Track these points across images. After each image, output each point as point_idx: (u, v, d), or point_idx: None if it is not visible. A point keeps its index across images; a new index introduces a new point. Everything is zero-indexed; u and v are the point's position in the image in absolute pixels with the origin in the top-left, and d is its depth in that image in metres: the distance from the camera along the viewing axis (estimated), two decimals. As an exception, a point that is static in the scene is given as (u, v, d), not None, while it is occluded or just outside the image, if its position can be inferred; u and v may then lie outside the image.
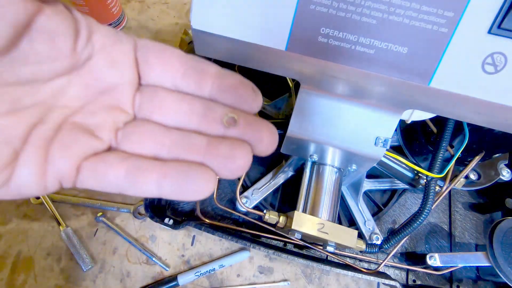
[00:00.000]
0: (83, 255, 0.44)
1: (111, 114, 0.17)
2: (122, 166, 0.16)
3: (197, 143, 0.17)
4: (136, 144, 0.17)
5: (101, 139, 0.17)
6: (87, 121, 0.17)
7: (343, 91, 0.29)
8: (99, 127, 0.17)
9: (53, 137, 0.16)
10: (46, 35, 0.15)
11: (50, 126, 0.16)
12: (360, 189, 0.44)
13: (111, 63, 0.18)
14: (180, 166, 0.16)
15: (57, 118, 0.16)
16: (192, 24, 0.25)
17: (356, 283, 0.46)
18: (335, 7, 0.23)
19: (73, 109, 0.17)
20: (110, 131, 0.17)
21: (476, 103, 0.25)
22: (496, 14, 0.22)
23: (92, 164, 0.16)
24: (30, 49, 0.15)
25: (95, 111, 0.17)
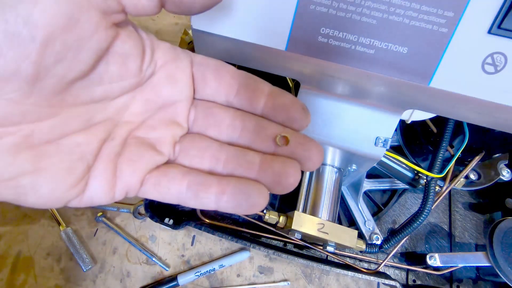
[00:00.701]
0: (83, 255, 0.44)
1: (169, 129, 0.18)
2: (184, 181, 0.17)
3: (251, 160, 0.18)
4: (194, 158, 0.18)
5: (162, 153, 0.18)
6: (149, 135, 0.18)
7: (343, 91, 0.29)
8: (160, 141, 0.18)
9: (120, 152, 0.17)
10: (120, 58, 0.16)
11: (118, 142, 0.17)
12: (360, 189, 0.44)
13: (171, 80, 0.18)
14: (237, 183, 0.17)
15: (123, 133, 0.17)
16: (192, 24, 0.25)
17: (356, 283, 0.46)
18: (335, 7, 0.23)
19: (136, 124, 0.18)
20: (170, 145, 0.18)
21: (476, 103, 0.25)
22: (496, 14, 0.22)
23: (156, 178, 0.17)
24: (106, 71, 0.16)
25: (155, 125, 0.18)
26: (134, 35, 0.16)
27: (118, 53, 0.16)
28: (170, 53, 0.18)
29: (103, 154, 0.16)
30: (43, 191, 0.15)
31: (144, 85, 0.18)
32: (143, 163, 0.17)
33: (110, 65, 0.16)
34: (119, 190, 0.17)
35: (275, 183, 0.17)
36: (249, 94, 0.19)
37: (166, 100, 0.19)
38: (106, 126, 0.17)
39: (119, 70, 0.16)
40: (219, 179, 0.17)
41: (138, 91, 0.18)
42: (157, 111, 0.19)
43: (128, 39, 0.16)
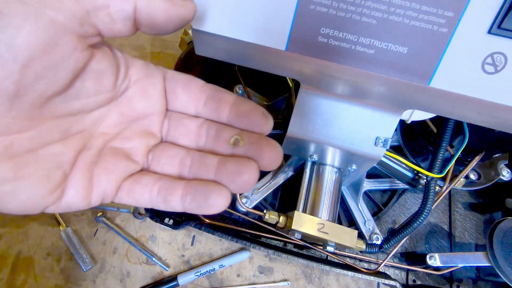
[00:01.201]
0: (83, 255, 0.44)
1: (143, 139, 0.20)
2: (155, 187, 0.19)
3: (210, 162, 0.19)
4: (164, 166, 0.20)
5: (136, 162, 0.20)
6: (124, 145, 0.20)
7: (343, 91, 0.29)
8: (134, 151, 0.20)
9: (96, 161, 0.18)
10: (95, 75, 0.17)
11: (94, 151, 0.19)
12: (360, 189, 0.44)
13: (144, 94, 0.20)
14: (197, 185, 0.18)
15: (99, 144, 0.19)
16: (192, 24, 0.25)
17: (356, 283, 0.46)
18: (335, 7, 0.23)
19: (111, 135, 0.20)
20: (143, 154, 0.20)
21: (476, 103, 0.25)
22: (496, 14, 0.21)
23: (130, 186, 0.19)
24: (82, 87, 0.17)
25: (130, 136, 0.20)
26: (109, 54, 0.18)
27: (94, 71, 0.17)
28: (143, 70, 0.20)
29: (80, 163, 0.18)
30: (23, 197, 0.16)
31: (119, 99, 0.20)
32: (118, 172, 0.19)
33: (86, 82, 0.17)
34: (95, 196, 0.18)
35: (231, 182, 0.18)
36: (215, 105, 0.21)
37: (140, 113, 0.20)
38: (83, 137, 0.18)
39: (95, 86, 0.18)
40: (185, 183, 0.19)
41: (113, 105, 0.19)
42: (132, 123, 0.20)
43: (103, 58, 0.17)
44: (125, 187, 0.19)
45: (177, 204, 0.18)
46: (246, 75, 0.49)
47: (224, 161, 0.19)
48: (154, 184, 0.19)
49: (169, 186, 0.19)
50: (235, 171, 0.18)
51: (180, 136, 0.21)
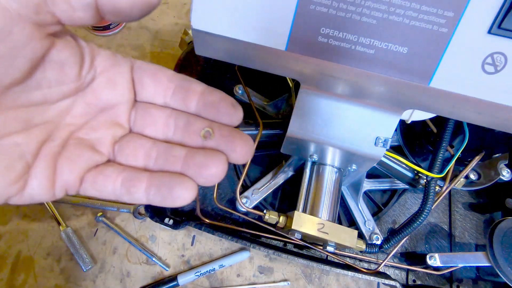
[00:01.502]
0: (83, 255, 0.44)
1: (110, 130, 0.20)
2: (118, 178, 0.18)
3: (177, 154, 0.19)
4: (129, 157, 0.19)
5: (101, 152, 0.19)
6: (89, 136, 0.19)
7: (343, 91, 0.29)
8: (99, 142, 0.19)
9: (60, 152, 0.18)
10: (56, 65, 0.17)
11: (58, 142, 0.18)
12: (360, 189, 0.44)
13: (111, 84, 0.20)
14: (163, 177, 0.18)
15: (63, 135, 0.19)
16: (192, 24, 0.25)
17: (356, 283, 0.46)
18: (335, 7, 0.23)
19: (77, 126, 0.19)
20: (109, 145, 0.19)
21: (476, 103, 0.25)
22: (496, 14, 0.22)
23: (94, 176, 0.18)
24: (43, 77, 0.17)
25: (96, 127, 0.20)
26: (71, 44, 0.18)
27: (55, 60, 0.17)
28: (110, 60, 0.20)
29: (43, 154, 0.17)
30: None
31: (85, 90, 0.19)
32: (81, 162, 0.18)
33: (47, 71, 0.17)
34: (58, 188, 0.18)
35: (198, 175, 0.18)
36: (183, 95, 0.20)
37: (106, 103, 0.20)
38: (46, 128, 0.18)
39: (57, 76, 0.17)
40: (149, 174, 0.18)
41: (79, 95, 0.19)
42: (98, 114, 0.20)
43: (65, 48, 0.17)
44: (89, 178, 0.18)
45: (141, 196, 0.18)
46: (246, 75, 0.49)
47: (192, 154, 0.19)
48: (118, 175, 0.18)
49: (133, 177, 0.18)
50: (202, 164, 0.18)
51: (147, 126, 0.20)
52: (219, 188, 0.48)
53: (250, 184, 0.47)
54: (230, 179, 0.49)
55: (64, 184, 0.18)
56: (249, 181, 0.48)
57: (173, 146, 0.20)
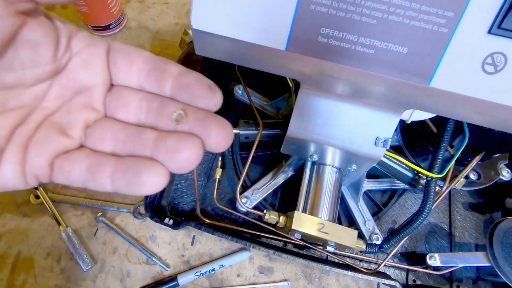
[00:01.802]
0: (83, 255, 0.44)
1: (83, 113, 0.19)
2: (84, 163, 0.17)
3: (147, 137, 0.17)
4: (97, 141, 0.18)
5: (71, 137, 0.18)
6: (61, 120, 0.18)
7: (343, 91, 0.29)
8: (71, 125, 0.18)
9: (31, 136, 0.17)
10: (29, 45, 0.16)
11: (31, 126, 0.17)
12: (360, 189, 0.44)
13: (86, 65, 0.19)
14: (130, 161, 0.17)
15: (38, 118, 0.18)
16: (192, 24, 0.25)
17: (356, 283, 0.46)
18: (335, 7, 0.23)
19: (52, 110, 0.18)
20: (80, 129, 0.18)
21: (476, 103, 0.25)
22: (496, 14, 0.22)
23: (61, 162, 0.17)
24: (15, 58, 0.16)
25: (70, 110, 0.19)
26: (46, 24, 0.17)
27: (28, 40, 0.16)
28: (86, 41, 0.19)
29: (15, 138, 0.17)
30: None
31: (61, 72, 0.19)
32: (50, 147, 0.17)
33: (19, 51, 0.16)
34: (29, 174, 0.17)
35: (169, 159, 0.17)
36: (158, 76, 0.19)
37: (81, 85, 0.19)
38: (21, 112, 0.17)
39: (31, 57, 0.17)
40: (116, 159, 0.17)
41: (55, 78, 0.18)
42: (74, 97, 0.19)
43: (38, 27, 0.16)
44: (57, 164, 0.17)
45: (106, 182, 0.17)
46: (246, 75, 0.49)
47: (162, 136, 0.17)
48: (84, 160, 0.17)
49: (99, 162, 0.17)
50: (174, 147, 0.16)
51: (119, 109, 0.19)
52: (219, 188, 0.48)
53: (250, 184, 0.47)
54: (230, 179, 0.49)
55: (33, 169, 0.17)
56: (249, 181, 0.48)
57: (144, 129, 0.18)
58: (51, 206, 0.47)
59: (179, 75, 0.19)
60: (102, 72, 0.19)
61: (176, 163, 0.16)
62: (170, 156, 0.16)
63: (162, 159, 0.17)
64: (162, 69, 0.19)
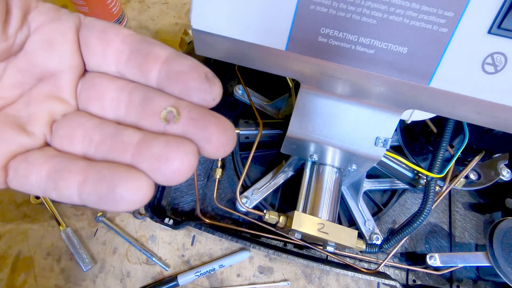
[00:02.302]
0: (83, 255, 0.44)
1: (46, 105, 0.15)
2: (45, 167, 0.14)
3: (127, 139, 0.14)
4: (64, 140, 0.15)
5: (32, 133, 0.15)
6: (19, 113, 0.15)
7: (343, 91, 0.29)
8: (31, 119, 0.15)
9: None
10: None
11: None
12: (360, 189, 0.44)
13: (48, 44, 0.15)
14: (104, 168, 0.13)
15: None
16: (192, 24, 0.25)
17: (356, 283, 0.46)
18: (335, 7, 0.23)
19: (8, 100, 0.15)
20: (44, 125, 0.15)
21: (476, 103, 0.25)
22: (496, 14, 0.21)
23: (16, 164, 0.14)
24: None
25: (31, 101, 0.15)
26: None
27: None
28: (49, 14, 0.16)
29: None
30: None
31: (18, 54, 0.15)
32: (4, 145, 0.14)
33: None
34: None
35: (155, 170, 0.13)
36: (141, 61, 0.15)
37: (44, 70, 0.16)
38: None
39: None
40: (86, 164, 0.14)
41: (10, 60, 0.15)
42: (36, 84, 0.16)
43: None
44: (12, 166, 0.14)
45: (72, 193, 0.13)
46: (246, 75, 0.49)
47: (148, 140, 0.14)
48: (45, 163, 0.14)
49: (63, 167, 0.14)
50: (162, 155, 0.13)
51: (92, 102, 0.16)
52: (219, 188, 0.48)
53: (250, 184, 0.47)
54: (230, 179, 0.49)
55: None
56: (249, 181, 0.48)
57: (124, 128, 0.15)
58: (51, 206, 0.47)
59: (168, 60, 0.15)
60: (70, 54, 0.16)
61: (164, 175, 0.13)
62: (156, 165, 0.13)
63: (146, 169, 0.13)
64: (146, 51, 0.15)
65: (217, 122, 0.14)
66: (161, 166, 0.13)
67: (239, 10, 0.24)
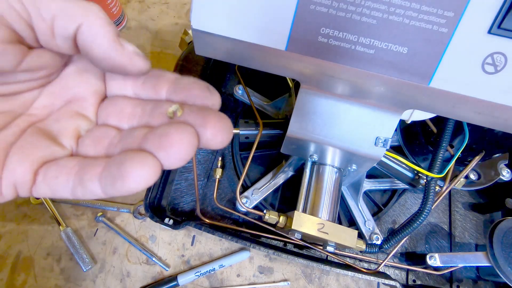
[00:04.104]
0: (83, 255, 0.44)
1: (74, 121, 0.18)
2: (74, 168, 0.15)
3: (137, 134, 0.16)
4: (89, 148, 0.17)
5: (62, 145, 0.17)
6: (50, 128, 0.17)
7: (343, 91, 0.29)
8: (61, 133, 0.17)
9: (14, 142, 0.16)
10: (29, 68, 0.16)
11: (13, 131, 0.16)
12: (360, 189, 0.44)
13: (79, 74, 0.18)
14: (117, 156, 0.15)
15: (22, 124, 0.17)
16: (192, 24, 0.25)
17: (356, 283, 0.46)
18: (335, 7, 0.23)
19: (40, 117, 0.18)
20: (72, 138, 0.17)
21: (476, 103, 0.25)
22: (496, 14, 0.22)
23: (47, 168, 0.16)
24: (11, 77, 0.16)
25: (60, 118, 0.18)
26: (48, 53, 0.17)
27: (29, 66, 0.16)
28: None
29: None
30: None
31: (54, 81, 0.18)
32: (36, 152, 0.16)
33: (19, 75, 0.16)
34: (6, 182, 0.15)
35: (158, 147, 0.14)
36: (153, 83, 0.18)
37: (73, 94, 0.18)
38: (4, 117, 0.17)
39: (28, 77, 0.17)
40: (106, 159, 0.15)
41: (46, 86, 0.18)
42: (65, 104, 0.18)
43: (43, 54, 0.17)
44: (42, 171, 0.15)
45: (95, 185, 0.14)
46: (246, 75, 0.49)
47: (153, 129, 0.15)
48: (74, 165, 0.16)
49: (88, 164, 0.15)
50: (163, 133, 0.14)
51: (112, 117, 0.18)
52: (219, 188, 0.48)
53: (250, 184, 0.47)
54: (230, 179, 0.49)
55: (14, 178, 0.15)
56: (249, 181, 0.48)
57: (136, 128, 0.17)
58: (51, 206, 0.47)
59: (177, 79, 0.18)
60: (97, 80, 0.19)
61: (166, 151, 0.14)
62: (159, 143, 0.14)
63: (150, 148, 0.14)
64: (158, 75, 0.18)
65: (214, 114, 0.16)
66: (162, 142, 0.14)
67: (239, 10, 0.24)
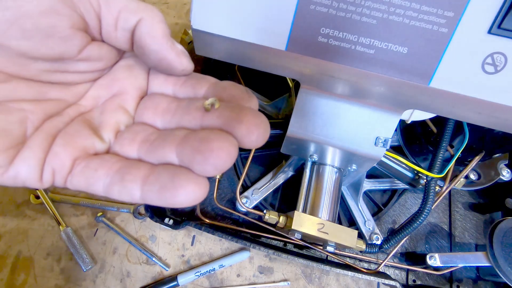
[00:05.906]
0: (83, 255, 0.44)
1: (116, 115, 0.19)
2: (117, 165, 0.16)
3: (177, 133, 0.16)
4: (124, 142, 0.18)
5: (102, 137, 0.18)
6: (94, 119, 0.18)
7: (343, 91, 0.29)
8: (103, 125, 0.18)
9: (62, 128, 0.17)
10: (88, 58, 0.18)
11: (64, 119, 0.17)
12: (360, 189, 0.44)
13: (129, 68, 0.20)
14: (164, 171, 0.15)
15: (71, 113, 0.18)
16: (192, 24, 0.25)
17: (356, 283, 0.46)
18: (335, 7, 0.23)
19: (88, 107, 0.19)
20: (111, 131, 0.18)
21: (476, 103, 0.25)
22: (496, 14, 0.22)
23: (87, 161, 0.16)
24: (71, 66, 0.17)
25: (104, 110, 0.19)
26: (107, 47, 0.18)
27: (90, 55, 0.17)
28: None
29: (45, 127, 0.16)
30: None
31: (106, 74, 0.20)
32: (78, 141, 0.17)
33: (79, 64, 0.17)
34: (47, 168, 0.16)
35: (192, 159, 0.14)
36: (193, 84, 0.19)
37: (120, 87, 0.19)
38: (58, 105, 0.18)
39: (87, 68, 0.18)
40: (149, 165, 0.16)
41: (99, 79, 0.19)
42: (110, 98, 0.19)
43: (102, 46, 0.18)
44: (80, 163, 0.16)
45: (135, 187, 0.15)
46: (246, 75, 0.49)
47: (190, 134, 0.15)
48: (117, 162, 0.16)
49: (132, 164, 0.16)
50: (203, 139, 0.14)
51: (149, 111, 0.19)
52: (219, 188, 0.48)
53: (250, 184, 0.47)
54: (230, 179, 0.49)
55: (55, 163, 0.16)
56: (249, 181, 0.47)
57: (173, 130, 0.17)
58: (51, 206, 0.47)
59: (217, 82, 0.19)
60: (142, 76, 0.20)
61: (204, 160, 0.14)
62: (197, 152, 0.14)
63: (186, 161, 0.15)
64: (199, 77, 0.19)
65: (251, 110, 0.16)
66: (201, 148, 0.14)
67: (239, 10, 0.24)
